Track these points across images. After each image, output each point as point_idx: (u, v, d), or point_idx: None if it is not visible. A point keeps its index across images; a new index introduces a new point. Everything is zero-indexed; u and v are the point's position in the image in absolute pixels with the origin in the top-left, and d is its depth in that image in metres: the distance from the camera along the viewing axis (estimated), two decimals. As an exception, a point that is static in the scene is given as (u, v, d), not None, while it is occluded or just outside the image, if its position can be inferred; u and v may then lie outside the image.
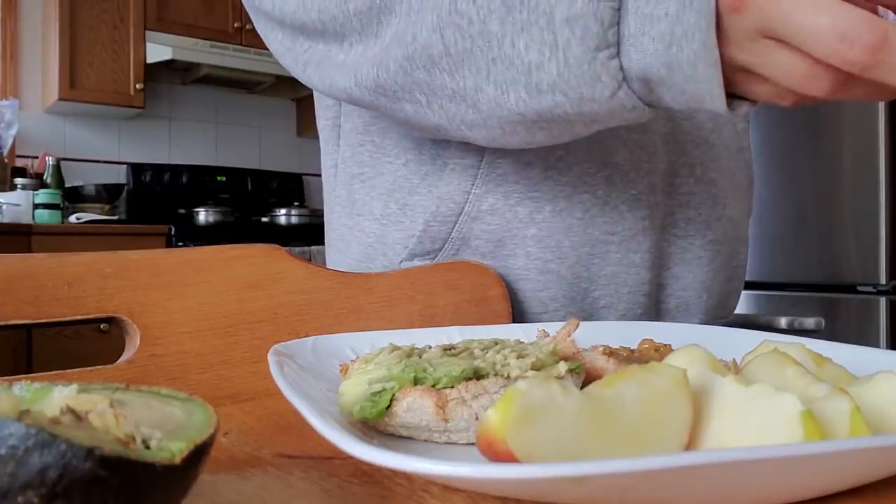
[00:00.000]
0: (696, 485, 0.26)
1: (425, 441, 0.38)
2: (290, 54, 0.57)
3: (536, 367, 0.39)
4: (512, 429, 0.28)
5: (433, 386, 0.38)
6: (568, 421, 0.29)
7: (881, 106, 1.78)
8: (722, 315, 0.76)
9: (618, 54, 0.40)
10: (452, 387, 0.37)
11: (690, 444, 0.31)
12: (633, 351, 0.47)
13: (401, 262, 0.68)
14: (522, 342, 0.45)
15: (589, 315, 0.67)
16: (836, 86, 0.36)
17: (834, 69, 0.35)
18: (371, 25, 0.51)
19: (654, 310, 0.70)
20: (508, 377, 0.38)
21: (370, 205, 0.70)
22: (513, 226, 0.65)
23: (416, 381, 0.38)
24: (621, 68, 0.41)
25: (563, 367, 0.40)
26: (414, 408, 0.37)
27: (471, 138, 0.53)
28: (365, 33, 0.52)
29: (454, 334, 0.52)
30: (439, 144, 0.65)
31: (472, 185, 0.64)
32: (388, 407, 0.38)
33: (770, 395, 0.30)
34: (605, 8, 0.39)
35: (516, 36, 0.43)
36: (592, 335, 0.54)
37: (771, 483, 0.27)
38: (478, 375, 0.38)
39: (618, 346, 0.48)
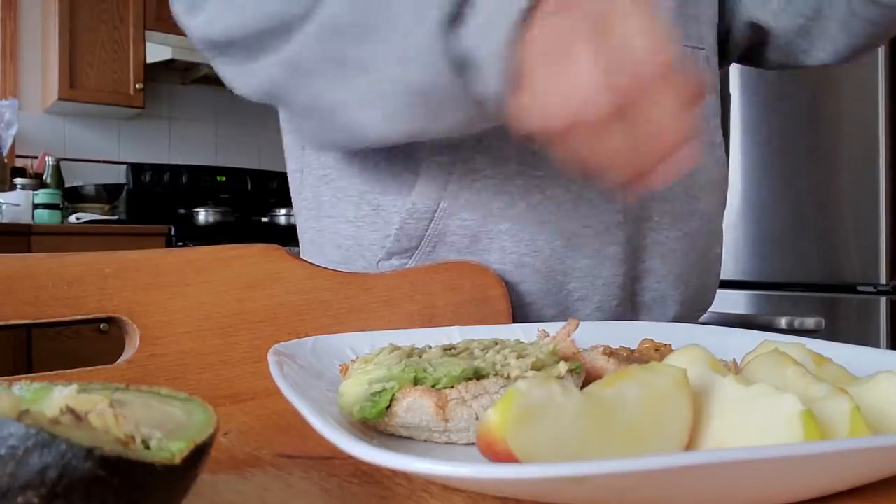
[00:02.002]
0: (695, 485, 0.26)
1: (425, 441, 0.38)
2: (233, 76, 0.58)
3: (537, 368, 0.39)
4: (512, 429, 0.28)
5: (433, 386, 0.37)
6: (568, 421, 0.29)
7: (881, 104, 1.78)
8: (699, 308, 0.77)
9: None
10: (452, 387, 0.37)
11: (691, 444, 0.31)
12: (632, 351, 0.47)
13: (378, 262, 0.68)
14: (522, 342, 0.45)
15: (564, 307, 0.68)
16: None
17: None
18: (277, 36, 0.52)
19: (630, 302, 0.70)
20: (508, 377, 0.38)
21: (339, 207, 0.70)
22: (487, 220, 0.65)
23: (416, 381, 0.38)
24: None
25: (563, 367, 0.39)
26: (414, 408, 0.37)
27: (366, 124, 0.52)
28: (270, 45, 0.52)
29: (454, 334, 0.52)
30: (412, 144, 0.65)
31: (447, 181, 0.64)
32: (388, 407, 0.37)
33: (770, 395, 0.30)
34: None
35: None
36: (592, 335, 0.54)
37: (771, 483, 0.27)
38: (478, 375, 0.38)
39: (618, 347, 0.47)
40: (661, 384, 0.31)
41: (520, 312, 0.67)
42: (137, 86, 3.41)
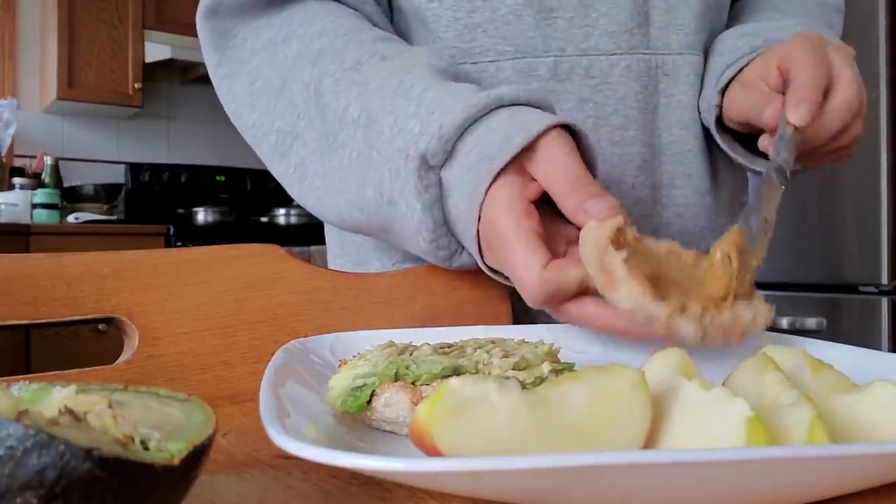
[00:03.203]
0: (596, 485, 0.27)
1: (406, 436, 0.38)
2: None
3: (520, 367, 0.39)
4: (438, 424, 0.28)
5: (412, 383, 0.38)
6: (502, 420, 0.29)
7: (882, 103, 1.78)
8: None
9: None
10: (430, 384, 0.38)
11: (648, 447, 0.31)
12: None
13: (393, 264, 0.69)
14: (515, 342, 0.45)
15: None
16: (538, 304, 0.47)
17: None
18: (284, 145, 0.61)
19: None
20: (489, 375, 0.38)
21: None
22: None
23: (398, 378, 0.39)
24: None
25: (546, 367, 0.40)
26: (391, 403, 0.38)
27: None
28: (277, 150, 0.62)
29: (478, 332, 0.52)
30: None
31: None
32: (370, 402, 0.39)
33: (724, 399, 0.30)
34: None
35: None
36: (592, 337, 0.54)
37: (676, 489, 0.27)
38: (458, 373, 0.39)
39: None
40: (615, 386, 0.31)
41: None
42: (136, 85, 3.41)
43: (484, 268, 0.52)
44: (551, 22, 0.64)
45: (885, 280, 1.78)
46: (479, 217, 0.49)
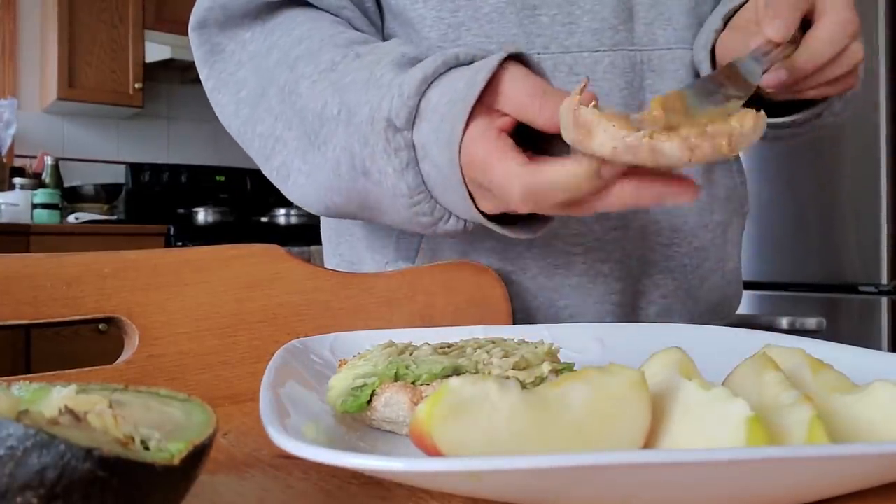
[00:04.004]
0: (596, 485, 0.26)
1: (406, 436, 0.38)
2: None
3: (520, 367, 0.39)
4: (438, 424, 0.28)
5: (413, 383, 0.38)
6: (502, 420, 0.29)
7: (882, 104, 1.79)
8: (719, 321, 0.75)
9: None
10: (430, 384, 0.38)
11: (648, 447, 0.31)
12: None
13: (386, 263, 0.69)
14: (516, 342, 0.45)
15: (556, 322, 0.67)
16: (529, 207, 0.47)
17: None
18: (267, 148, 0.63)
19: (633, 316, 0.69)
20: (489, 375, 0.38)
21: None
22: (475, 238, 0.65)
23: (398, 378, 0.39)
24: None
25: (546, 367, 0.40)
26: (391, 403, 0.38)
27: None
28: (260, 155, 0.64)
29: (478, 332, 0.52)
30: None
31: None
32: (370, 402, 0.39)
33: (724, 399, 0.30)
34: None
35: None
36: (592, 338, 0.54)
37: (675, 489, 0.27)
38: (458, 373, 0.39)
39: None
40: (615, 386, 0.31)
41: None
42: (136, 85, 3.41)
43: (480, 217, 0.51)
44: (534, 19, 0.64)
45: (884, 280, 1.78)
46: (461, 164, 0.48)
